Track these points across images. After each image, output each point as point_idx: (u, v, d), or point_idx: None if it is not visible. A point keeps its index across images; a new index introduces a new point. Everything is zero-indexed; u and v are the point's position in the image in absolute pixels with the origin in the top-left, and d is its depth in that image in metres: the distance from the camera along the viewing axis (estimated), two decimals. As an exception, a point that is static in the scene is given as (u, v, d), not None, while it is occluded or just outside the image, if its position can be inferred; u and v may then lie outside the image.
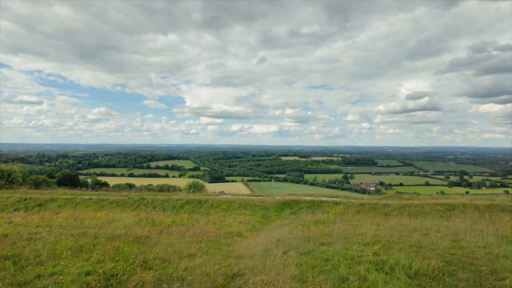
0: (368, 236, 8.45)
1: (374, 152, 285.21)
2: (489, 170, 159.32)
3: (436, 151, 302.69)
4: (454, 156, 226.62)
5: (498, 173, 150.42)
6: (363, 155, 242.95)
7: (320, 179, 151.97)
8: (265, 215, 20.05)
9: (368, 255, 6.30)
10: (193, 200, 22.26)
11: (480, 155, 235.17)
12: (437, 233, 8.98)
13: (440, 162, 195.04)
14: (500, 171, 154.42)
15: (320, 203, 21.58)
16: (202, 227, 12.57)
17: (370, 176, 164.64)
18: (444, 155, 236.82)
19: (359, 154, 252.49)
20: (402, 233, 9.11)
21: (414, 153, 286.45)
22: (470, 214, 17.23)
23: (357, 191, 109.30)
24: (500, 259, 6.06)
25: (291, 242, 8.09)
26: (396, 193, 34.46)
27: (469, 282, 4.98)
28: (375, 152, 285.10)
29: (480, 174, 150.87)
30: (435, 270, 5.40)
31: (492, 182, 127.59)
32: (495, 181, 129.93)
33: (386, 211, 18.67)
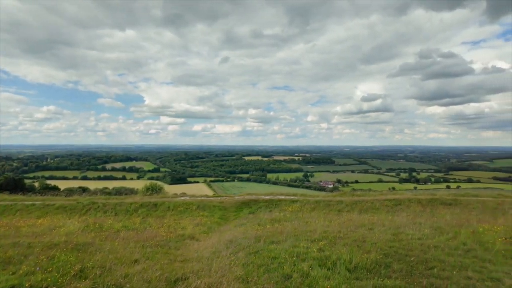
0: (317, 232, 8.69)
1: (332, 151, 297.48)
2: (434, 167, 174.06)
3: (388, 150, 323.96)
4: (404, 154, 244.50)
5: (441, 169, 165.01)
6: (322, 154, 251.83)
7: (282, 178, 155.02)
8: (223, 215, 19.86)
9: (313, 251, 6.46)
10: (148, 203, 21.38)
11: (426, 153, 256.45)
12: (381, 227, 9.49)
13: (391, 160, 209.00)
14: (443, 167, 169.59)
15: (278, 202, 21.90)
16: (153, 231, 12.08)
17: (328, 174, 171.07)
18: (395, 153, 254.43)
19: (319, 153, 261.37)
20: (349, 228, 9.49)
21: (369, 151, 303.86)
22: (414, 208, 18.58)
23: (316, 189, 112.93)
24: (431, 249, 6.55)
25: (242, 242, 8.04)
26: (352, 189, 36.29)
27: (402, 272, 5.29)
28: (333, 151, 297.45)
29: (427, 170, 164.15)
30: (373, 263, 5.67)
31: (436, 178, 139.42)
32: (439, 177, 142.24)
33: (339, 208, 19.46)
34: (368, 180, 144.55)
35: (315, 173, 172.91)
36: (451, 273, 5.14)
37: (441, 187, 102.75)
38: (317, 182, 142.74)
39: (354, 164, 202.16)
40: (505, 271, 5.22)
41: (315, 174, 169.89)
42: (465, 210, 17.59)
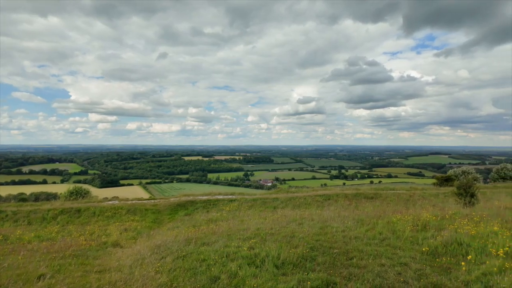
0: (250, 230, 8.68)
1: (271, 151, 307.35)
2: (360, 164, 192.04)
3: (320, 149, 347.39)
4: (335, 153, 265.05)
5: (366, 166, 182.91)
6: (262, 154, 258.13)
7: (223, 177, 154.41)
8: (156, 219, 18.82)
9: (243, 250, 6.39)
10: (69, 209, 19.19)
11: (353, 152, 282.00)
12: (310, 222, 9.92)
13: (324, 158, 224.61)
14: (368, 165, 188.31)
15: (216, 202, 21.61)
16: (72, 240, 10.78)
17: (267, 172, 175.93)
18: (327, 152, 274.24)
19: (259, 153, 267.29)
20: (281, 224, 9.71)
21: (304, 151, 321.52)
22: (341, 202, 20.05)
23: (256, 187, 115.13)
24: (352, 240, 7.02)
25: (171, 246, 7.60)
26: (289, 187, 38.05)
27: (325, 265, 5.52)
28: (272, 151, 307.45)
29: (354, 168, 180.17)
30: (299, 258, 5.82)
31: (362, 174, 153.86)
32: (364, 173, 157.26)
33: (275, 205, 20.01)
34: (303, 177, 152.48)
35: (255, 172, 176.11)
36: (368, 262, 5.53)
37: (365, 183, 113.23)
38: (257, 181, 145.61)
39: (291, 163, 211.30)
40: (412, 256, 5.82)
41: (255, 173, 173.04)
42: (383, 202, 19.58)
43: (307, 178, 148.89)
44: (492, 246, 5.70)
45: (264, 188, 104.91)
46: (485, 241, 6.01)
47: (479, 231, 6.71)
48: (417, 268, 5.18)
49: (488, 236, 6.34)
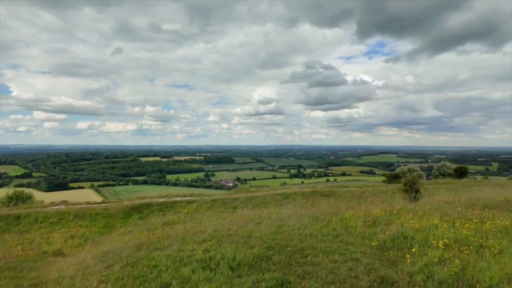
0: (207, 232, 8.45)
1: (232, 151, 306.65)
2: (317, 163, 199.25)
3: (280, 149, 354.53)
4: (293, 153, 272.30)
5: (322, 165, 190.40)
6: (223, 154, 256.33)
7: (182, 178, 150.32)
8: (108, 224, 17.69)
9: (198, 253, 6.16)
10: (6, 216, 17.30)
11: (311, 152, 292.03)
12: (269, 221, 9.93)
13: (283, 158, 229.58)
14: (324, 164, 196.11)
15: (174, 204, 20.91)
16: (7, 251, 9.64)
17: (228, 172, 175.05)
18: (286, 152, 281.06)
19: (219, 153, 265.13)
20: (240, 224, 9.59)
21: (264, 150, 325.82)
22: (299, 201, 20.54)
23: (217, 188, 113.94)
24: (307, 238, 7.13)
25: (121, 253, 7.11)
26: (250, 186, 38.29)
27: (280, 264, 5.52)
28: (233, 151, 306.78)
29: (311, 167, 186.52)
30: (255, 258, 5.75)
31: (319, 173, 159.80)
32: (321, 172, 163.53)
33: (234, 205, 19.88)
34: (264, 177, 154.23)
35: (216, 172, 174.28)
36: (321, 259, 5.63)
37: (322, 181, 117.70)
38: (218, 181, 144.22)
39: (252, 163, 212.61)
40: (363, 251, 6.05)
41: (216, 173, 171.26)
42: (338, 199, 20.43)
43: (268, 178, 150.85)
44: (433, 238, 6.13)
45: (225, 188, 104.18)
46: (427, 234, 6.45)
47: (422, 224, 7.20)
48: (367, 263, 5.38)
49: (430, 229, 6.82)
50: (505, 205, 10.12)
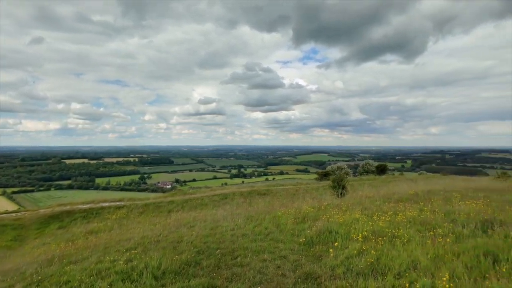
0: (133, 240, 7.83)
1: (171, 151, 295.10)
2: (257, 163, 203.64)
3: (221, 149, 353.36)
4: (234, 153, 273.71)
5: (262, 165, 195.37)
6: (161, 155, 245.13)
7: (114, 182, 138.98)
8: (18, 236, 15.43)
9: (119, 264, 5.63)
10: None
11: (251, 151, 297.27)
12: (203, 223, 9.65)
13: (224, 158, 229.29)
14: (263, 163, 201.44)
15: (101, 210, 19.18)
16: None
17: (167, 174, 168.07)
18: (227, 152, 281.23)
19: (157, 154, 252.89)
20: (171, 229, 9.14)
21: (205, 151, 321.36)
22: (237, 200, 20.56)
23: (154, 191, 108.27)
24: (239, 238, 7.08)
25: (26, 270, 6.15)
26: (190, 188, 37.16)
27: (209, 268, 5.34)
28: (171, 151, 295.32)
29: (252, 166, 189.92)
30: (183, 264, 5.48)
31: (259, 172, 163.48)
32: (261, 171, 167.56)
33: (170, 208, 19.02)
34: (204, 177, 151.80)
35: (152, 174, 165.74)
36: (251, 259, 5.61)
37: (261, 180, 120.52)
38: (154, 184, 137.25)
39: (192, 163, 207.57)
40: (291, 248, 6.22)
41: (153, 175, 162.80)
42: (274, 198, 21.02)
43: (209, 178, 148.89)
44: (354, 232, 6.60)
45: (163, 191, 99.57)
46: (350, 228, 6.92)
47: (346, 219, 7.72)
48: (294, 259, 5.53)
49: (352, 222, 7.34)
50: (414, 198, 11.49)
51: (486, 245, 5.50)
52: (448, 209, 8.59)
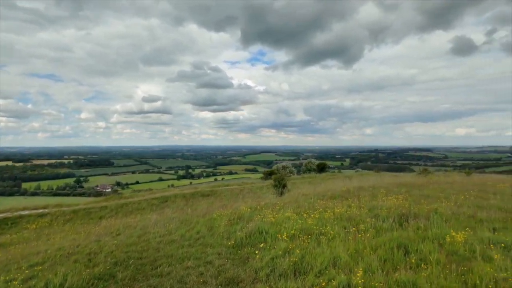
0: (44, 253, 6.87)
1: (111, 152, 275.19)
2: (205, 163, 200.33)
3: (168, 149, 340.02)
4: (182, 153, 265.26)
5: (211, 165, 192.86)
6: (100, 156, 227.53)
7: (45, 186, 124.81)
8: None
9: (14, 284, 4.81)
10: None
11: (200, 152, 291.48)
12: (131, 230, 8.94)
13: (171, 159, 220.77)
14: (212, 163, 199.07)
15: (18, 219, 16.90)
16: None
17: (107, 177, 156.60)
18: (174, 152, 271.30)
19: (95, 155, 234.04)
20: (94, 238, 8.27)
21: (150, 151, 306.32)
22: (179, 203, 19.75)
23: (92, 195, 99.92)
24: (167, 245, 6.63)
25: None
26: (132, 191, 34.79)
27: (124, 281, 4.85)
28: (112, 152, 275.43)
29: (200, 167, 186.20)
30: (93, 278, 4.89)
31: (207, 173, 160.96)
32: (209, 172, 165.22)
33: (101, 214, 17.50)
34: (149, 179, 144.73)
35: (90, 177, 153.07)
36: (174, 267, 5.24)
37: (210, 180, 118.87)
38: (92, 188, 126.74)
39: (135, 165, 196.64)
40: (218, 252, 5.98)
41: (90, 178, 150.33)
42: (217, 198, 20.67)
43: (154, 180, 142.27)
44: (284, 230, 6.60)
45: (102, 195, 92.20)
46: (280, 227, 6.93)
47: (278, 218, 7.74)
48: (219, 264, 5.30)
49: (283, 221, 7.38)
50: (346, 194, 12.12)
51: (400, 237, 5.89)
52: (373, 204, 9.17)
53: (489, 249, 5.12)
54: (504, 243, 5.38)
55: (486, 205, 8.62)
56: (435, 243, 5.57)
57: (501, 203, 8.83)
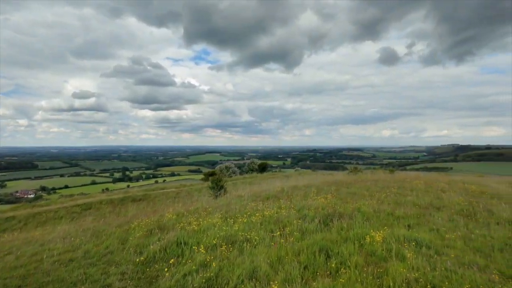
0: None
1: (35, 154, 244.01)
2: (145, 165, 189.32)
3: (102, 150, 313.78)
4: (118, 154, 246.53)
5: (151, 166, 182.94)
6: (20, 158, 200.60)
7: None
8: None
9: None
10: None
11: (139, 152, 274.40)
12: (29, 247, 7.47)
13: (106, 160, 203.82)
14: (153, 165, 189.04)
15: None
16: None
17: (29, 181, 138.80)
18: (109, 153, 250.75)
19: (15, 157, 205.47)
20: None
21: (81, 152, 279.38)
22: (104, 210, 17.82)
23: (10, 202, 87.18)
24: (61, 266, 5.51)
25: None
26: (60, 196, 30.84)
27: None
28: (36, 154, 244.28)
29: (139, 168, 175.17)
30: None
31: (147, 175, 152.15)
32: (149, 173, 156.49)
33: (5, 227, 14.89)
34: (80, 183, 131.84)
35: (8, 182, 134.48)
36: (61, 295, 4.28)
37: (150, 183, 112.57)
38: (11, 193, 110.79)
39: (64, 167, 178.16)
40: (123, 271, 5.10)
41: (8, 183, 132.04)
42: (151, 203, 19.16)
43: (86, 184, 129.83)
44: (205, 240, 6.00)
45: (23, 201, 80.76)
46: (202, 236, 6.31)
47: (203, 225, 7.11)
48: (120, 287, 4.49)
49: (208, 228, 6.78)
50: (279, 195, 11.99)
51: (323, 240, 5.73)
52: (303, 204, 9.08)
53: (403, 248, 5.20)
54: (416, 240, 5.55)
55: (403, 201, 9.14)
56: (356, 244, 5.51)
57: (416, 199, 9.46)
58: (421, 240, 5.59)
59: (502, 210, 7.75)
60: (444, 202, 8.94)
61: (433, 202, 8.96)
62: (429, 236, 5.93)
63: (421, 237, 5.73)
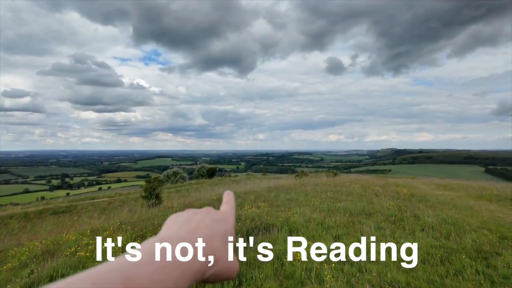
0: None
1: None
2: (87, 171, 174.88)
3: (38, 155, 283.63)
4: (57, 159, 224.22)
5: (95, 172, 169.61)
6: None
7: None
8: None
9: None
10: None
11: (80, 157, 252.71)
12: None
13: (42, 166, 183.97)
14: (96, 170, 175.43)
15: None
16: None
17: None
18: (47, 159, 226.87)
19: None
20: None
21: (12, 157, 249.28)
22: (14, 226, 15.23)
23: None
24: None
25: None
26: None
27: None
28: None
29: (80, 175, 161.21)
30: None
31: (89, 181, 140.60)
32: (92, 180, 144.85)
33: None
34: (10, 192, 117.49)
35: None
36: None
37: (94, 190, 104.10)
38: None
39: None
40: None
41: None
42: (75, 215, 16.88)
43: (17, 193, 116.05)
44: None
45: None
46: (85, 266, 5.11)
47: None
48: None
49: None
50: (215, 203, 11.10)
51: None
52: (237, 214, 8.29)
53: (323, 268, 4.60)
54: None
55: (337, 208, 8.81)
56: (275, 265, 4.81)
57: (350, 204, 9.21)
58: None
59: (427, 215, 7.74)
60: (375, 208, 8.79)
61: (365, 208, 8.76)
62: (355, 249, 5.46)
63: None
